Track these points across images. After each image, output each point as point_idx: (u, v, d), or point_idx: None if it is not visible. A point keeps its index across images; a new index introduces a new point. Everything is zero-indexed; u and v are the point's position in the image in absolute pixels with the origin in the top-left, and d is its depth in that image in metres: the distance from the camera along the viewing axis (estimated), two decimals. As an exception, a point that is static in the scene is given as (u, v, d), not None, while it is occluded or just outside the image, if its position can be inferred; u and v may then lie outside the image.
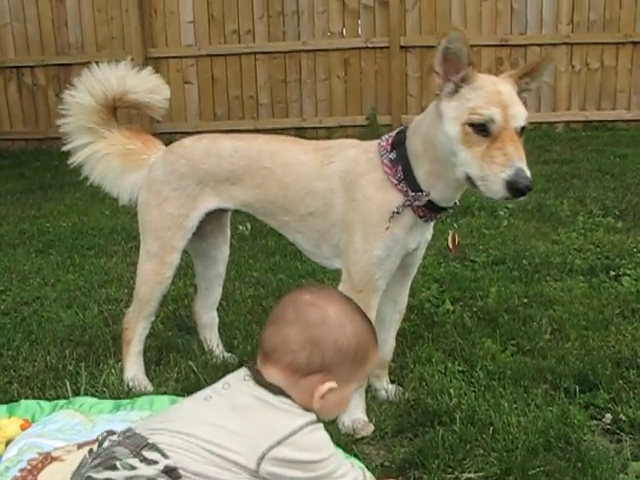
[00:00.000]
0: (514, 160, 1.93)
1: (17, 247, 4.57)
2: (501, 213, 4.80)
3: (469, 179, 2.02)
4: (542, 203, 5.02)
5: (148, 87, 2.61)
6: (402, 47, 8.12)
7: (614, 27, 8.12)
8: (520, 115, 2.00)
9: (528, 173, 1.93)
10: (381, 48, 8.18)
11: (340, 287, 2.31)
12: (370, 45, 8.20)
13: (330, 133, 7.68)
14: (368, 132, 7.36)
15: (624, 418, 2.27)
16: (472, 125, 1.96)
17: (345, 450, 2.08)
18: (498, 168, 1.93)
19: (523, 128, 2.02)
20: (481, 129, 1.96)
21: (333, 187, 2.27)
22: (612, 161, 6.43)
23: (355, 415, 2.31)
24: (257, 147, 2.42)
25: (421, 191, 2.13)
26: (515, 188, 1.91)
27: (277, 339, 1.64)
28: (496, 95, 1.99)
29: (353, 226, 2.21)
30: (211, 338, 2.83)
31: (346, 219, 2.24)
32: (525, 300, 3.27)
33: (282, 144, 2.44)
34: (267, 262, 3.91)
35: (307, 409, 1.62)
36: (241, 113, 8.45)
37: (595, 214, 4.71)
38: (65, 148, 2.65)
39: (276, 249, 4.13)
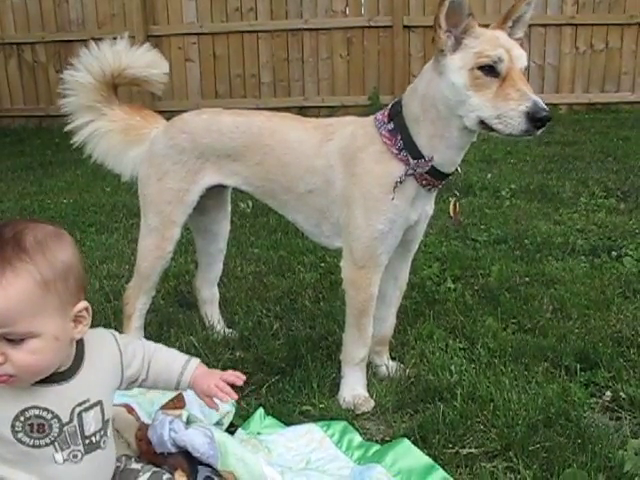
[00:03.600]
0: (529, 94, 1.96)
1: (18, 223, 4.55)
2: (503, 193, 4.80)
3: (482, 123, 2.03)
4: (544, 184, 5.01)
5: (146, 62, 2.59)
6: (405, 26, 8.07)
7: (620, 8, 8.04)
8: (523, 56, 2.05)
9: (545, 105, 1.95)
10: (384, 27, 8.13)
11: (342, 264, 2.30)
12: (373, 24, 8.14)
13: (332, 112, 7.64)
14: (370, 112, 7.19)
15: (624, 396, 2.27)
16: (481, 68, 1.99)
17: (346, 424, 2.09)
18: (514, 103, 1.96)
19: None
20: (490, 70, 1.99)
21: (332, 164, 2.26)
22: (615, 143, 6.41)
23: (356, 391, 2.32)
24: (258, 124, 2.40)
25: (423, 158, 2.12)
26: (535, 118, 1.94)
27: None
28: (497, 40, 2.03)
29: (354, 201, 2.20)
30: (212, 314, 2.83)
31: (346, 195, 2.23)
32: (526, 279, 3.27)
33: (282, 121, 2.42)
34: (268, 239, 3.91)
35: None
36: (243, 91, 8.42)
37: (597, 195, 4.70)
38: (67, 128, 2.63)
39: (277, 226, 4.12)
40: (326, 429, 2.03)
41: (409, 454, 1.84)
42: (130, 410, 2.01)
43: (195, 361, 1.80)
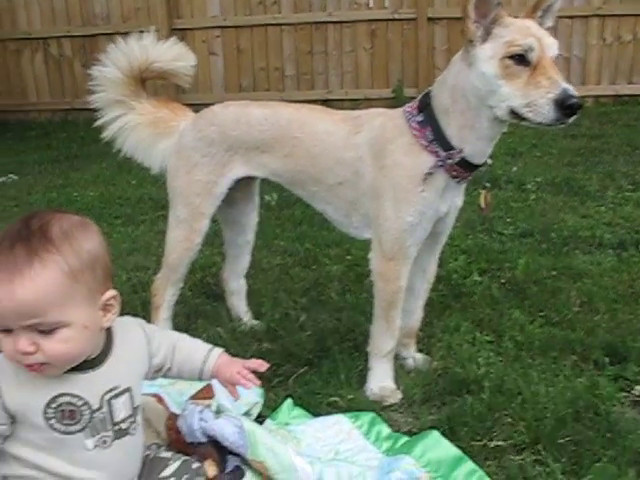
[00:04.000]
0: (559, 81, 1.95)
1: (46, 215, 4.60)
2: (528, 186, 4.76)
3: (513, 113, 2.02)
4: (570, 177, 4.96)
5: (172, 55, 2.60)
6: (429, 19, 8.01)
7: (647, -2, 7.93)
8: (554, 44, 2.03)
9: (576, 92, 1.94)
10: (408, 20, 8.08)
11: (370, 256, 2.30)
12: (397, 17, 8.10)
13: (355, 105, 7.59)
14: (394, 105, 7.21)
15: (654, 390, 2.26)
16: (511, 57, 1.98)
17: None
18: (544, 90, 1.95)
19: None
20: (521, 59, 1.98)
21: (361, 155, 2.26)
22: (642, 136, 6.33)
23: (383, 383, 2.32)
24: (286, 116, 2.41)
25: (453, 149, 2.11)
26: (565, 106, 1.92)
27: None
28: (528, 29, 2.02)
29: (383, 193, 2.20)
30: (239, 305, 2.85)
31: (376, 187, 2.23)
32: (553, 272, 3.24)
33: (311, 113, 2.43)
34: (294, 231, 3.92)
35: None
36: (267, 85, 8.42)
37: (624, 189, 4.65)
38: (97, 123, 2.65)
39: (303, 219, 4.12)
40: (354, 420, 2.04)
41: (438, 445, 1.84)
42: (159, 400, 2.03)
43: (218, 350, 1.81)
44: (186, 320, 2.82)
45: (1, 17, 9.08)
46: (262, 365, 1.77)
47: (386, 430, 2.02)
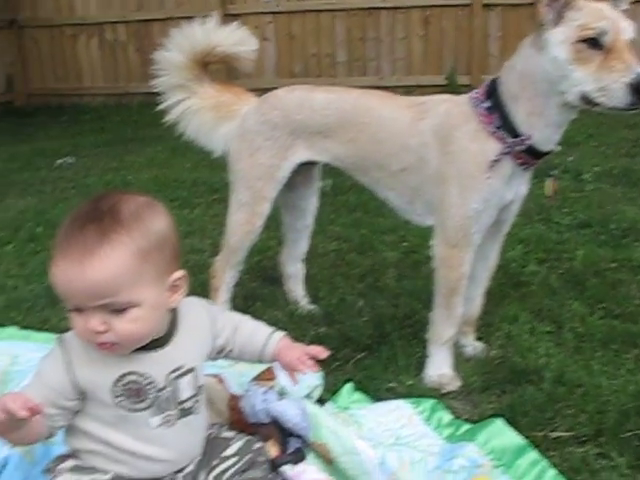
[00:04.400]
0: (634, 65, 1.91)
1: (103, 197, 4.69)
2: (585, 177, 4.67)
3: (584, 98, 1.99)
4: (629, 168, 4.85)
5: (234, 39, 2.61)
6: (485, 5, 7.87)
7: None
8: (629, 27, 1.99)
9: None
10: (462, 6, 7.96)
11: (433, 242, 2.29)
12: (451, 3, 7.98)
13: (407, 92, 7.51)
14: (446, 92, 7.19)
15: None
16: (584, 41, 1.95)
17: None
18: (618, 74, 1.91)
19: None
20: (594, 43, 1.94)
21: (426, 141, 2.24)
22: None
23: (442, 370, 2.31)
24: (351, 101, 2.41)
25: (520, 136, 2.08)
26: None
27: None
28: (601, 11, 1.98)
29: (448, 179, 2.19)
30: (296, 289, 2.87)
31: (441, 173, 2.21)
32: (613, 264, 3.18)
33: (376, 99, 2.42)
34: (348, 217, 3.91)
35: None
36: (318, 71, 8.41)
37: (685, 181, 4.53)
38: (160, 107, 2.68)
39: (357, 205, 4.11)
40: (416, 406, 2.04)
41: (502, 434, 1.83)
42: (220, 380, 2.06)
43: (279, 333, 1.82)
44: (244, 303, 2.84)
45: (59, 3, 9.23)
46: (322, 352, 1.76)
47: (447, 417, 2.02)
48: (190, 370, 1.61)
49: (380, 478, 1.73)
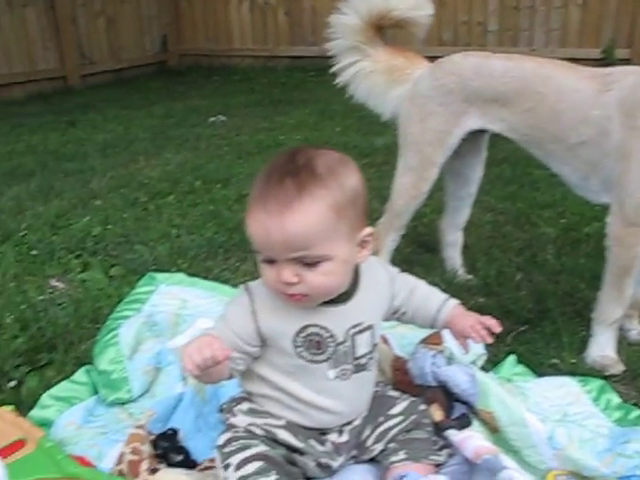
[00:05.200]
0: None
1: (255, 155, 4.83)
2: None
3: None
4: None
5: (411, 4, 2.60)
6: (653, -29, 7.41)
7: None
8: None
9: None
10: (628, -28, 7.52)
11: (608, 220, 2.21)
12: (616, -32, 7.56)
13: (561, 65, 7.26)
14: (602, 67, 6.87)
15: None
16: None
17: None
18: None
19: None
20: None
21: (610, 115, 2.15)
22: None
23: (605, 352, 2.24)
24: (530, 70, 2.34)
25: None
26: None
27: None
28: None
29: (631, 155, 2.09)
30: (454, 257, 2.85)
31: (623, 148, 2.11)
32: None
33: (557, 68, 2.34)
34: (503, 190, 3.83)
35: None
36: (468, 39, 8.21)
37: None
38: (333, 69, 2.70)
39: (512, 178, 4.03)
40: (583, 384, 1.99)
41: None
42: (385, 340, 2.09)
43: (453, 301, 1.82)
44: (401, 267, 2.84)
45: (213, -34, 9.49)
46: (497, 326, 1.74)
47: (616, 399, 1.95)
48: (368, 327, 1.63)
49: (547, 452, 1.70)
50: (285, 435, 1.60)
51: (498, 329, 1.74)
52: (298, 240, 1.43)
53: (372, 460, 1.71)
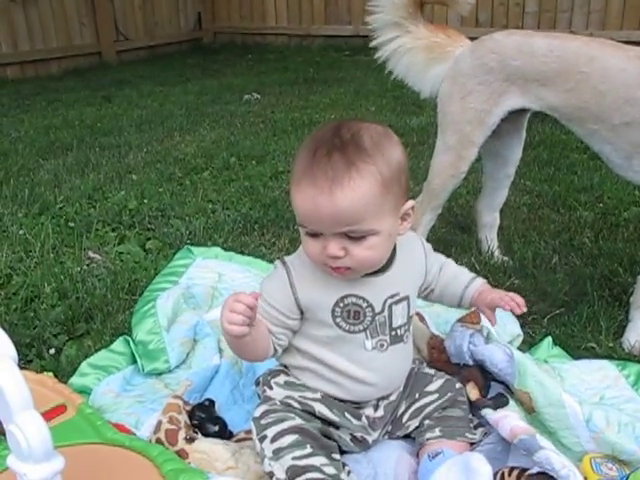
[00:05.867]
0: None
1: (290, 134, 4.82)
2: None
3: None
4: None
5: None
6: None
7: None
8: None
9: None
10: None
11: (651, 201, 2.18)
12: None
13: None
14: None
15: None
16: None
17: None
18: None
19: None
20: None
21: None
22: None
23: (643, 337, 2.22)
24: (574, 49, 2.29)
25: None
26: None
27: None
28: None
29: (677, 137, 2.05)
30: (491, 239, 2.83)
31: (669, 129, 2.08)
32: None
33: (601, 47, 2.29)
34: (540, 173, 3.79)
35: None
36: (505, 20, 8.09)
37: None
38: (372, 44, 2.68)
39: (548, 161, 3.98)
40: (621, 369, 1.96)
41: None
42: (422, 318, 2.09)
43: (481, 279, 1.83)
44: (437, 247, 2.83)
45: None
46: (523, 305, 1.72)
47: (655, 384, 1.94)
48: (405, 298, 1.64)
49: (584, 434, 1.69)
50: (321, 408, 1.61)
51: (524, 308, 1.73)
52: (347, 216, 1.42)
53: (406, 437, 1.72)
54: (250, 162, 4.18)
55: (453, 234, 3.01)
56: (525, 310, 1.73)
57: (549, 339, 2.13)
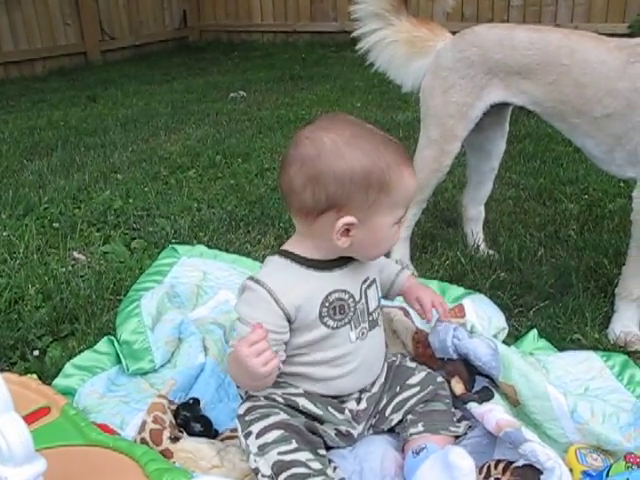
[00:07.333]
0: None
1: (276, 131, 4.81)
2: None
3: None
4: None
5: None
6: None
7: None
8: None
9: None
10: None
11: (634, 194, 2.18)
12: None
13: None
14: (630, 41, 6.76)
15: None
16: None
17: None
18: None
19: None
20: None
21: (638, 87, 2.11)
22: None
23: (628, 327, 2.22)
24: (555, 41, 2.29)
25: None
26: None
27: (284, 184, 1.53)
28: None
29: (659, 128, 2.06)
30: (476, 232, 2.83)
31: (651, 121, 2.08)
32: None
33: (582, 40, 2.29)
34: (526, 166, 3.80)
35: (335, 251, 1.56)
36: (490, 15, 8.11)
37: None
38: (354, 34, 2.67)
39: (534, 154, 3.99)
40: (606, 359, 1.97)
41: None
42: (406, 313, 2.09)
43: (408, 271, 1.91)
44: (422, 242, 2.85)
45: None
46: (446, 314, 1.86)
47: (639, 375, 1.94)
48: (374, 281, 1.67)
49: (569, 426, 1.69)
50: (305, 402, 1.60)
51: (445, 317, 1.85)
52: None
53: (391, 431, 1.72)
54: (236, 160, 4.17)
55: (439, 228, 3.01)
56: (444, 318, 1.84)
57: (534, 332, 2.13)
